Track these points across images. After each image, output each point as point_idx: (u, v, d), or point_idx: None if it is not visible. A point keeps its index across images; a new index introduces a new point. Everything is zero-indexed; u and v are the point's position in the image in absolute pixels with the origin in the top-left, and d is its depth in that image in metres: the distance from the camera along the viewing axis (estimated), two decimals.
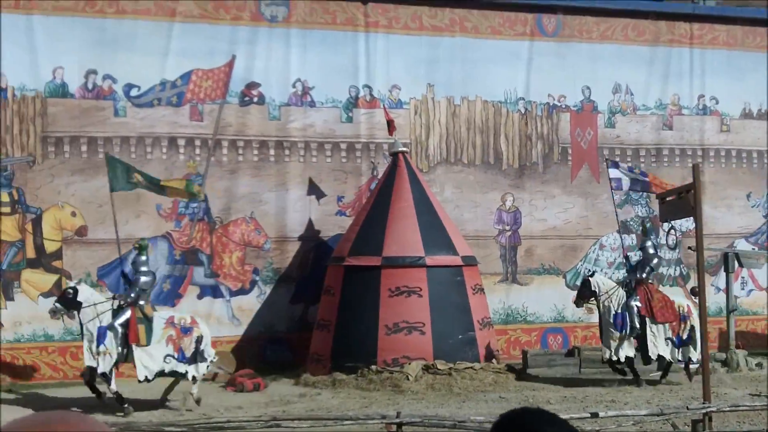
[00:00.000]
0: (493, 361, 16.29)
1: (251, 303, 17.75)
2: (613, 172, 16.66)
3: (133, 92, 17.45)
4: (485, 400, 14.26)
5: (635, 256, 17.24)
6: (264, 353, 17.51)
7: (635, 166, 18.10)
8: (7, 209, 16.65)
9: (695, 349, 15.29)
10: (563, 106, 20.00)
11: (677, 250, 19.65)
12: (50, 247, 16.78)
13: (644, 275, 16.07)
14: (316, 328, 16.67)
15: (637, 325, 15.52)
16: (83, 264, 16.93)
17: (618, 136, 20.31)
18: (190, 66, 17.77)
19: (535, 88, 19.83)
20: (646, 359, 15.70)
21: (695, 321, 15.31)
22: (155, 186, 15.18)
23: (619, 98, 20.39)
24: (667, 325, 15.61)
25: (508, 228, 19.41)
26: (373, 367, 15.48)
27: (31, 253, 16.70)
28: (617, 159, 20.01)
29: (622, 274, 19.98)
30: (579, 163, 19.96)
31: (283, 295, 17.93)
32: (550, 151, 19.83)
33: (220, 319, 17.54)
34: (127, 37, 17.40)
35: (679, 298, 16.54)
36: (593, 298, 15.75)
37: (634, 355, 15.58)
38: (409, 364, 15.44)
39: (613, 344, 15.41)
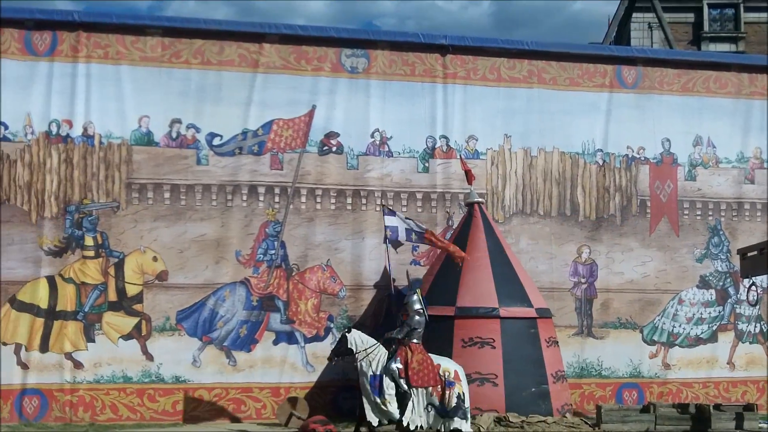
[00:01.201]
0: (567, 415, 16.13)
1: (325, 350, 17.86)
2: (389, 220, 16.25)
3: (216, 141, 17.90)
4: None
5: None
6: (337, 400, 17.64)
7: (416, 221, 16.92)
8: (91, 253, 17.17)
9: (465, 419, 14.27)
10: (642, 158, 19.90)
11: (758, 307, 19.31)
12: (131, 290, 17.21)
13: (401, 335, 14.59)
14: None
15: (405, 388, 14.16)
16: (163, 308, 17.32)
17: (699, 189, 20.10)
18: (272, 116, 18.17)
19: (613, 139, 19.78)
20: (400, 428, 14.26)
21: (464, 388, 14.42)
22: None
23: (700, 151, 20.21)
24: (430, 389, 14.26)
25: (583, 280, 19.29)
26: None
27: (112, 296, 17.15)
28: (698, 213, 19.86)
29: (701, 330, 19.74)
30: (658, 216, 19.80)
31: None
32: (628, 203, 19.71)
33: (294, 365, 17.73)
34: (211, 88, 17.90)
35: (446, 362, 14.80)
36: (350, 356, 14.49)
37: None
38: (481, 415, 15.38)
39: (368, 408, 14.15)
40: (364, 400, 14.20)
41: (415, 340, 14.60)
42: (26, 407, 16.56)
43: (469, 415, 14.47)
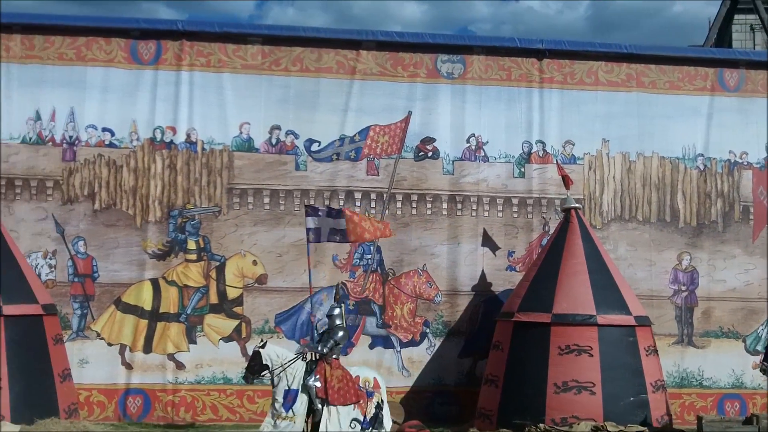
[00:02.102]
0: (666, 426, 15.88)
1: (421, 355, 18.02)
2: (310, 222, 15.02)
3: (314, 147, 18.17)
4: None
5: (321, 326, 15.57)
6: (432, 406, 17.72)
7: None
8: (193, 256, 17.60)
9: (381, 428, 13.89)
10: (745, 163, 19.49)
11: None
12: (232, 293, 17.59)
13: (326, 350, 14.08)
14: (484, 383, 16.73)
15: (320, 407, 13.66)
16: (262, 311, 17.65)
17: None
18: (368, 122, 18.36)
19: (715, 144, 19.42)
20: None
21: (384, 395, 14.00)
22: None
23: None
24: (351, 406, 13.78)
25: (684, 288, 18.98)
26: (541, 425, 15.36)
27: (214, 298, 17.56)
28: None
29: None
30: (761, 223, 19.36)
31: (452, 349, 18.11)
32: (730, 209, 19.34)
33: (390, 370, 17.87)
34: (309, 95, 18.18)
35: (364, 371, 14.52)
36: (266, 372, 13.82)
37: None
38: (578, 424, 15.26)
39: (270, 423, 13.56)
40: (268, 416, 13.64)
41: (334, 356, 14.18)
42: (130, 406, 17.07)
43: (387, 423, 14.12)
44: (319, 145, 18.20)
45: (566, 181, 17.30)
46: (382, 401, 14.21)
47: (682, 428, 15.99)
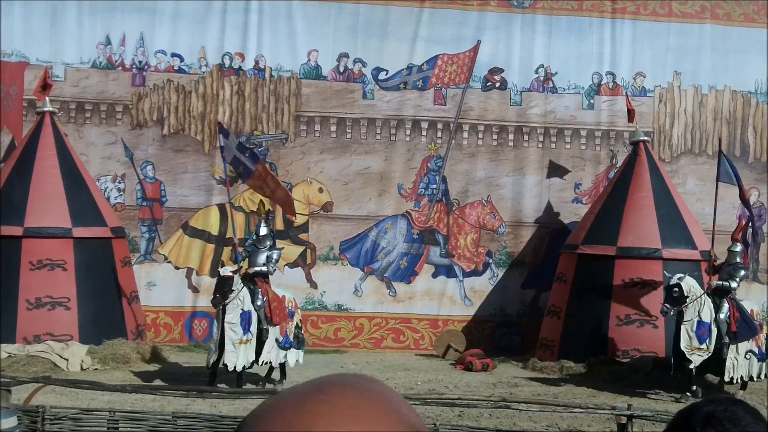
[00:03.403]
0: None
1: (483, 285, 18.10)
2: (221, 139, 14.34)
3: (381, 76, 18.13)
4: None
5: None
6: (494, 335, 17.86)
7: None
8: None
9: (301, 348, 13.65)
10: None
11: None
12: (298, 220, 17.76)
13: (272, 269, 13.81)
14: (547, 315, 16.81)
15: (266, 326, 13.32)
16: (327, 238, 17.84)
17: None
18: (437, 51, 18.25)
19: None
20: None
21: (299, 317, 13.84)
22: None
23: None
24: (277, 327, 13.48)
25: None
26: (602, 357, 15.45)
27: (279, 225, 17.74)
28: None
29: None
30: None
31: (515, 280, 18.17)
32: None
33: (453, 299, 18.01)
34: (378, 23, 18.09)
35: (287, 292, 14.18)
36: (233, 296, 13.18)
37: None
38: (640, 357, 15.29)
39: (232, 352, 13.00)
40: (228, 343, 12.99)
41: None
42: (195, 329, 17.44)
43: (303, 344, 13.94)
44: (386, 74, 18.16)
45: (631, 114, 17.00)
46: (300, 321, 14.15)
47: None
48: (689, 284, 13.69)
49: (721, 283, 13.87)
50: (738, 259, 14.08)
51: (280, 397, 1.28)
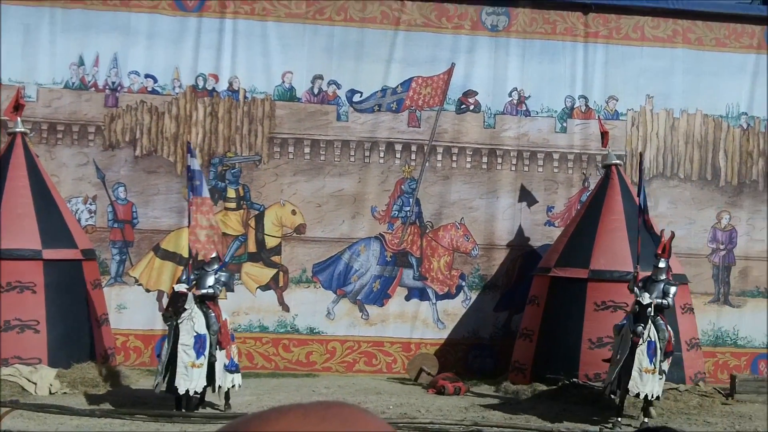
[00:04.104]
0: (700, 384, 15.92)
1: (456, 308, 18.11)
2: (193, 162, 14.36)
3: (356, 98, 18.16)
4: (689, 424, 14.01)
5: None
6: (467, 358, 17.85)
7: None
8: (232, 204, 17.74)
9: (239, 372, 13.63)
10: None
11: None
12: (270, 242, 17.74)
13: (219, 291, 13.94)
14: (519, 337, 16.83)
15: (217, 349, 13.23)
16: (300, 260, 17.80)
17: None
18: (411, 73, 18.30)
19: (759, 102, 19.16)
20: None
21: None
22: None
23: None
24: (224, 351, 13.28)
25: (722, 247, 18.87)
26: (575, 380, 15.47)
27: (252, 247, 17.72)
28: None
29: None
30: None
31: (488, 302, 18.20)
32: None
33: (426, 321, 18.00)
34: (353, 45, 18.13)
35: (226, 315, 14.03)
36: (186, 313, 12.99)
37: None
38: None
39: (184, 374, 12.89)
40: (180, 366, 12.83)
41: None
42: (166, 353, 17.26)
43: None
44: (361, 96, 18.18)
45: (605, 137, 17.11)
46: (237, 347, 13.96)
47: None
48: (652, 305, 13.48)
49: (660, 301, 13.75)
50: (663, 276, 14.05)
51: (261, 418, 1.27)
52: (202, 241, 14.08)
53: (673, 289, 13.93)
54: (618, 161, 17.42)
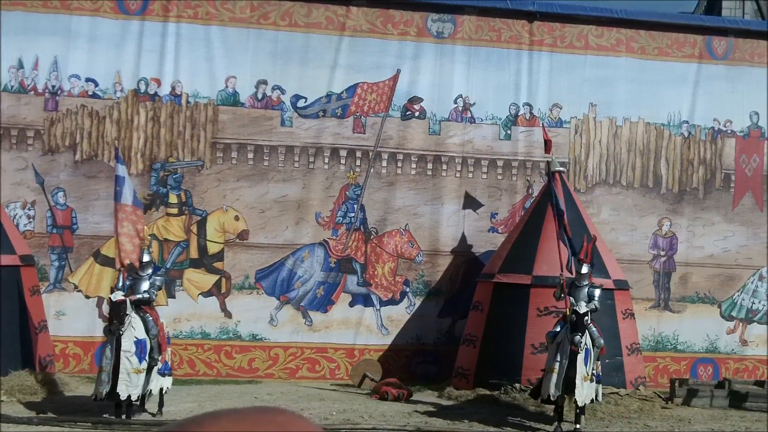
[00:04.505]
0: (640, 388, 16.07)
1: (400, 314, 18.11)
2: (121, 170, 14.32)
3: (300, 103, 18.09)
4: (629, 427, 14.13)
5: None
6: (410, 364, 17.85)
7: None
8: (174, 210, 17.57)
9: (171, 375, 13.64)
10: (729, 132, 19.51)
11: None
12: (213, 248, 17.59)
13: (154, 296, 13.82)
14: (463, 343, 16.86)
15: (156, 354, 13.23)
16: (243, 266, 17.68)
17: None
18: (356, 79, 18.28)
19: (700, 111, 19.42)
20: None
21: None
22: None
23: None
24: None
25: (663, 253, 19.08)
26: (517, 385, 15.53)
27: (194, 253, 17.56)
28: None
29: None
30: (742, 191, 19.42)
31: (432, 308, 18.21)
32: (712, 176, 19.38)
33: (370, 327, 17.97)
34: (298, 50, 18.05)
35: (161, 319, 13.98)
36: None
37: None
38: None
39: (126, 381, 12.84)
40: (123, 372, 12.66)
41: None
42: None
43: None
44: (305, 101, 18.12)
45: (548, 145, 17.16)
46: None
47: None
48: (590, 313, 13.51)
49: (593, 305, 13.77)
50: (587, 281, 14.13)
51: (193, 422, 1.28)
52: (126, 248, 13.89)
53: (597, 292, 14.01)
54: (561, 168, 17.52)
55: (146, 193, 17.47)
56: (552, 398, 13.31)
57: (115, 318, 12.82)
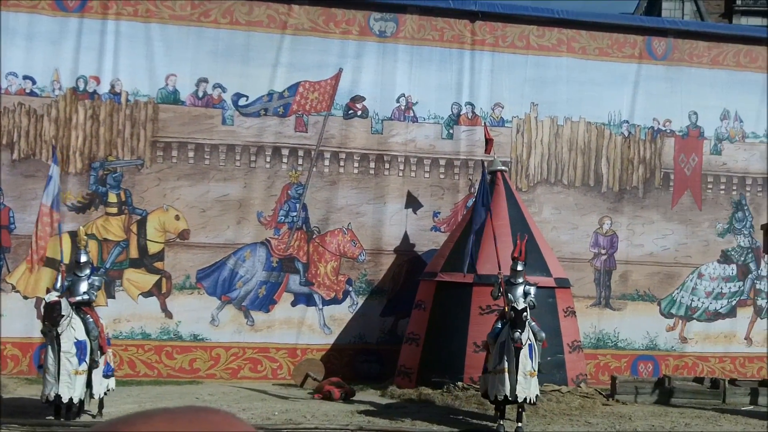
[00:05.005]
0: (581, 385, 16.20)
1: (343, 313, 18.07)
2: (54, 170, 14.10)
3: (242, 102, 17.96)
4: (571, 424, 14.21)
5: None
6: (353, 363, 17.81)
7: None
8: (114, 210, 17.35)
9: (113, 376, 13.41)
10: (668, 131, 19.77)
11: None
12: (153, 248, 17.40)
13: (94, 296, 13.48)
14: (405, 342, 16.87)
15: (98, 355, 12.95)
16: (183, 266, 17.51)
17: (724, 164, 19.96)
18: (298, 78, 18.20)
19: (640, 111, 19.65)
20: None
21: None
22: None
23: (727, 125, 20.03)
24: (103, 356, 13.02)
25: (604, 252, 19.28)
26: (460, 383, 15.57)
27: (134, 253, 17.36)
28: (722, 187, 19.72)
29: (720, 304, 19.71)
30: (681, 190, 19.69)
31: (374, 307, 18.20)
32: (651, 175, 19.62)
33: (312, 327, 17.91)
34: (239, 48, 17.92)
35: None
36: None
37: None
38: None
39: (67, 383, 12.57)
40: (64, 374, 12.43)
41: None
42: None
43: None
44: (247, 100, 17.99)
45: (488, 144, 17.22)
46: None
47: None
48: (528, 309, 13.36)
49: (530, 302, 13.80)
50: (521, 279, 14.20)
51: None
52: (38, 248, 13.74)
53: (533, 289, 14.07)
54: (503, 168, 17.65)
55: (85, 193, 17.25)
56: (509, 398, 13.30)
57: (47, 320, 12.55)
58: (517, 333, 13.12)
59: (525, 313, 13.20)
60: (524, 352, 13.22)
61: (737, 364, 19.58)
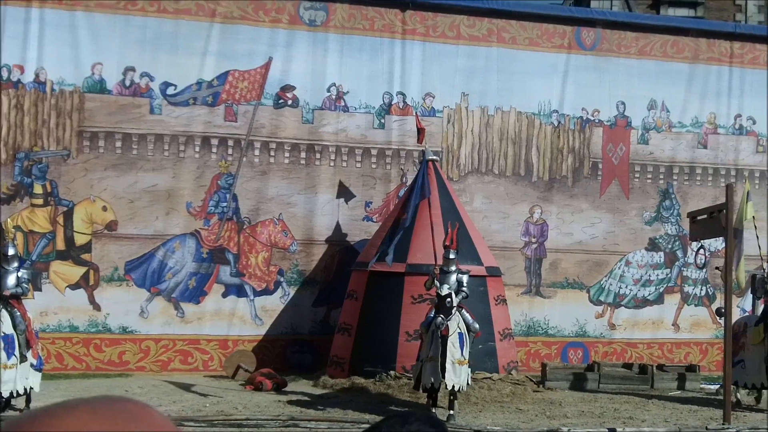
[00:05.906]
0: (512, 372, 16.32)
1: (275, 304, 17.96)
2: None
3: (170, 91, 17.72)
4: (502, 411, 14.31)
5: None
6: (285, 354, 17.72)
7: None
8: (39, 201, 17.00)
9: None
10: (596, 121, 19.99)
11: (704, 270, 19.57)
12: (80, 240, 17.10)
13: (27, 290, 13.30)
14: (338, 332, 16.83)
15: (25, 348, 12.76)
16: (111, 258, 17.24)
17: (651, 153, 20.25)
18: (227, 67, 18.01)
19: (569, 101, 19.83)
20: None
21: None
22: None
23: (654, 115, 20.32)
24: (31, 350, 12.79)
25: (534, 240, 19.44)
26: (392, 372, 15.58)
27: (61, 245, 17.04)
28: (649, 176, 20.01)
29: (648, 291, 20.02)
30: (609, 179, 19.94)
31: (306, 298, 18.12)
32: (580, 165, 19.83)
33: (244, 318, 17.77)
34: (166, 36, 17.67)
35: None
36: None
37: None
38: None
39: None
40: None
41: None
42: None
43: None
44: (175, 89, 17.76)
45: (420, 134, 17.22)
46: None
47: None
48: (453, 295, 13.45)
49: (463, 292, 13.84)
50: (454, 267, 14.25)
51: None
52: None
53: (465, 278, 14.12)
54: (435, 157, 17.65)
55: (10, 184, 16.89)
56: (435, 386, 13.33)
57: None
58: (439, 318, 13.12)
59: (449, 299, 13.20)
60: (452, 340, 13.24)
61: (665, 350, 19.89)
